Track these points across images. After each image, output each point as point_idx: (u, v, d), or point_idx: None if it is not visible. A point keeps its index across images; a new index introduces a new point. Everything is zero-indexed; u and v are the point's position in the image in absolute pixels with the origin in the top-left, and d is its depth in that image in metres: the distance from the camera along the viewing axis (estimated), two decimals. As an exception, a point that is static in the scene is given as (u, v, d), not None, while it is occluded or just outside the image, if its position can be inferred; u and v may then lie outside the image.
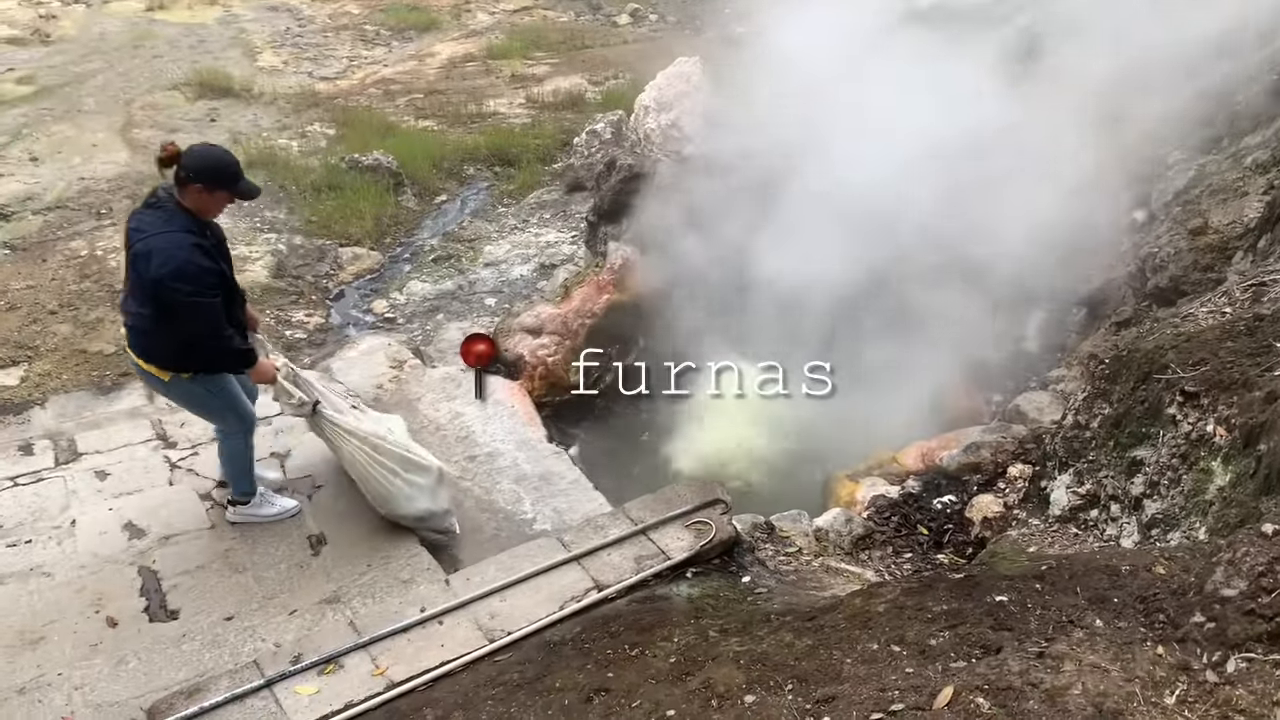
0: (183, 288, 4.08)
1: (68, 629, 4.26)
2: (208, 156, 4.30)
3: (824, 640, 3.24)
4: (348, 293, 8.70)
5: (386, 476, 4.73)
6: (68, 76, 11.91)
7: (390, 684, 3.59)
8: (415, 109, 11.91)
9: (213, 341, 4.28)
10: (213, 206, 4.31)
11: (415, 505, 4.78)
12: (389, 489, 4.74)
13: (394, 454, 4.76)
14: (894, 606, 3.33)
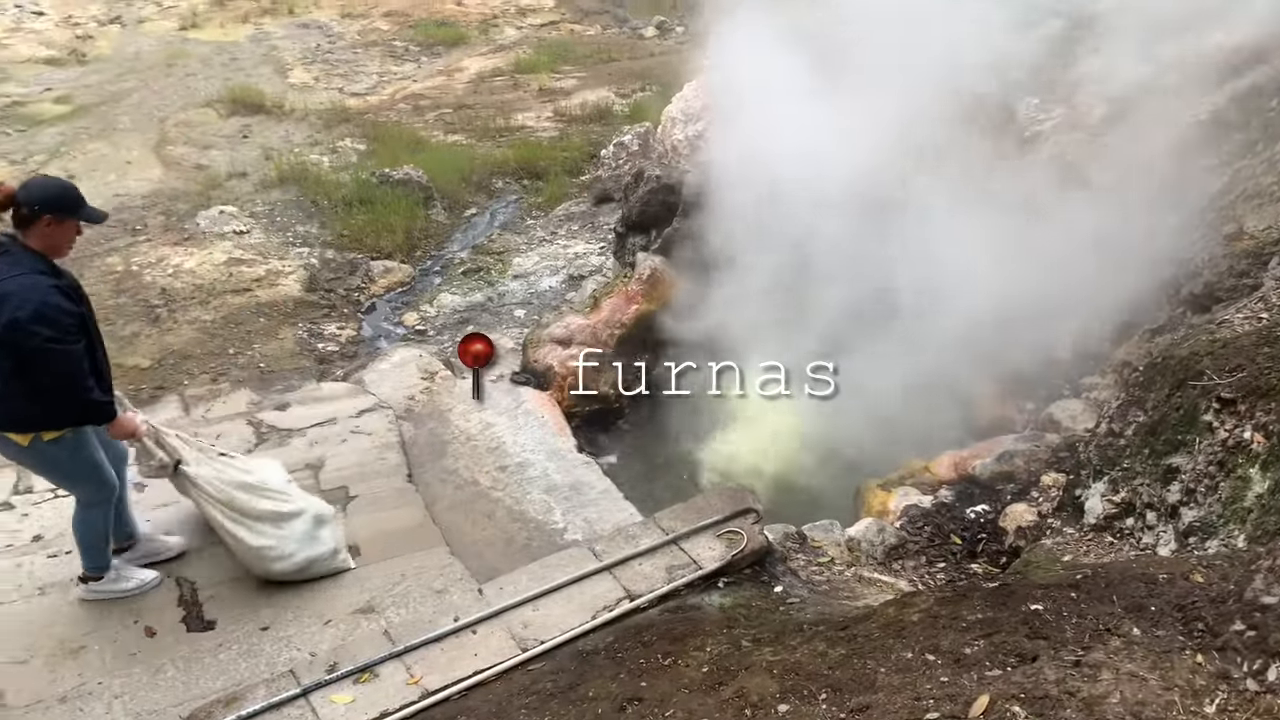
0: (42, 331, 3.75)
1: (107, 638, 4.32)
2: (49, 186, 4.03)
3: (857, 649, 3.23)
4: (379, 305, 8.78)
5: (254, 538, 4.49)
6: (104, 95, 12.12)
7: (425, 693, 3.61)
8: (444, 124, 12.02)
9: (73, 392, 3.90)
10: (63, 239, 3.98)
11: (292, 560, 4.55)
12: (257, 551, 4.49)
13: (261, 512, 4.53)
14: (928, 616, 3.31)
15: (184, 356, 7.68)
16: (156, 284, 8.44)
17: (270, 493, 4.63)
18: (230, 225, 9.42)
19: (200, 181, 10.20)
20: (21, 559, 4.69)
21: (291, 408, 5.83)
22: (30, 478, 5.17)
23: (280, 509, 4.59)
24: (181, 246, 9.01)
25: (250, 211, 9.70)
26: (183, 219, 9.47)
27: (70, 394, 3.90)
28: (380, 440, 5.64)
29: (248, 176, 10.35)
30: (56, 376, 3.85)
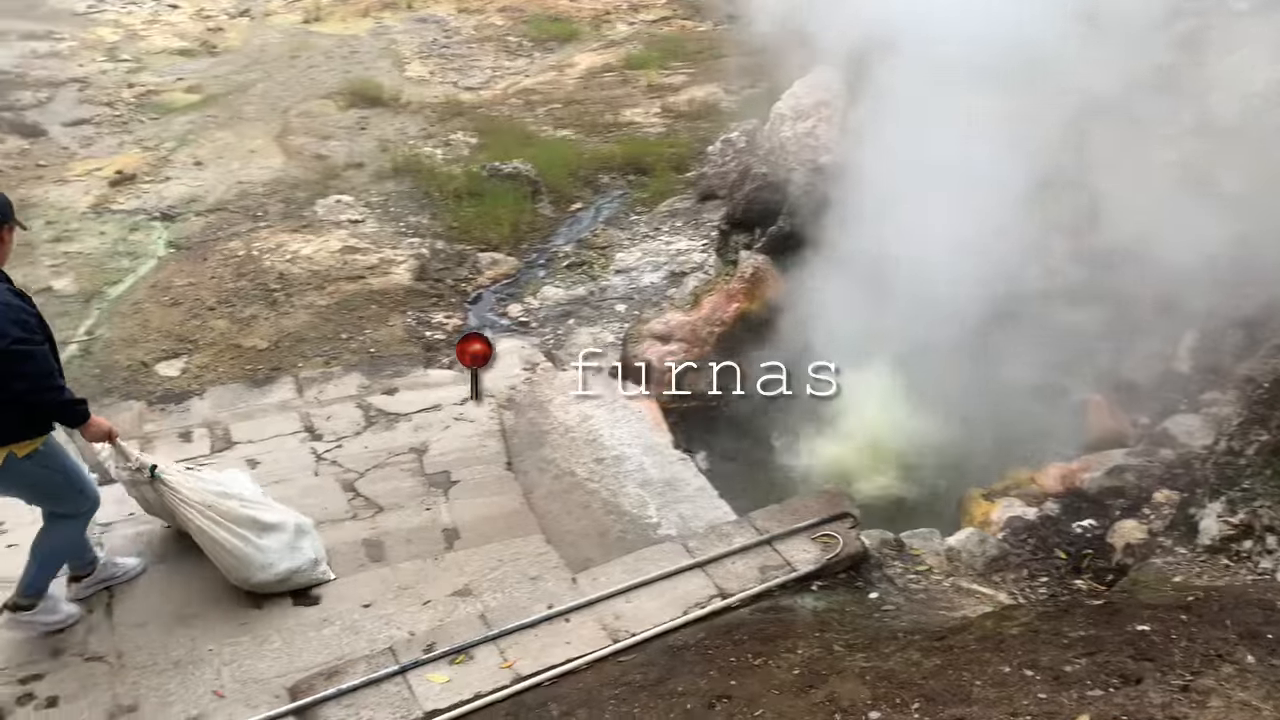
0: (11, 332, 3.70)
1: (218, 607, 4.51)
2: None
3: (953, 660, 3.18)
4: (485, 296, 8.95)
5: (236, 545, 4.44)
6: (231, 85, 12.60)
7: (517, 677, 3.68)
8: (554, 118, 12.16)
9: (48, 394, 3.84)
10: (8, 247, 4.05)
11: (273, 570, 4.50)
12: (239, 557, 4.44)
13: (243, 518, 4.49)
14: (1028, 630, 3.24)
15: (299, 339, 7.96)
16: (275, 269, 8.76)
17: (249, 502, 4.59)
18: (346, 214, 9.71)
19: (319, 171, 10.53)
20: (141, 528, 4.94)
21: (399, 393, 6.00)
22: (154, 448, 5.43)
23: (262, 517, 4.54)
24: (299, 233, 9.32)
25: (365, 201, 9.98)
26: (301, 207, 9.80)
27: (44, 395, 3.82)
28: (482, 428, 5.76)
29: (364, 167, 10.65)
30: (29, 379, 3.76)
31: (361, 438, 5.62)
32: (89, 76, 12.59)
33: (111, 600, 4.51)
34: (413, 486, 5.30)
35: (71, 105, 11.82)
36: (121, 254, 9.05)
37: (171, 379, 7.45)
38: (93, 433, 4.14)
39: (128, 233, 9.37)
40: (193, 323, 8.08)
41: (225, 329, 8.01)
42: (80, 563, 4.44)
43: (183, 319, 8.13)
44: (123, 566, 4.62)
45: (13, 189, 9.93)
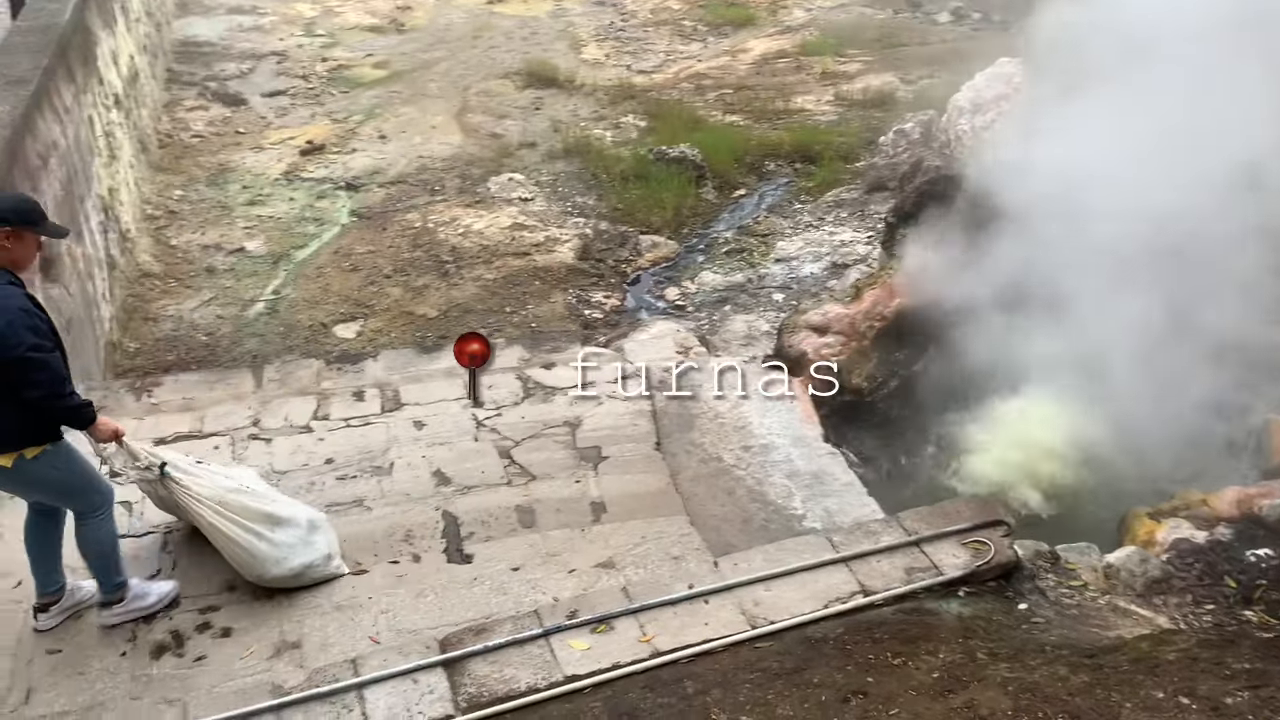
0: (26, 339, 3.74)
1: (379, 558, 4.77)
2: (8, 199, 4.08)
3: (1102, 679, 3.07)
4: (644, 278, 9.07)
5: (250, 540, 4.40)
6: (416, 63, 13.14)
7: (655, 652, 3.76)
8: (724, 104, 12.17)
9: (59, 400, 3.87)
10: (24, 253, 3.91)
11: (287, 564, 4.46)
12: (253, 553, 4.41)
13: (255, 513, 4.46)
14: (1186, 657, 3.10)
15: (466, 310, 8.28)
16: (448, 242, 9.12)
17: (260, 496, 4.59)
18: (517, 192, 10.00)
19: (494, 149, 10.88)
20: (315, 478, 5.26)
21: (556, 368, 6.17)
22: (330, 404, 5.77)
23: (275, 512, 4.53)
24: (472, 209, 9.67)
25: (536, 180, 10.26)
26: (475, 183, 10.16)
27: (56, 402, 3.86)
28: (634, 407, 5.87)
29: (536, 147, 10.94)
30: (42, 386, 3.80)
31: (519, 408, 5.81)
32: (287, 50, 13.35)
33: (284, 543, 4.81)
34: (565, 458, 5.45)
35: (270, 77, 12.58)
36: (308, 220, 9.60)
37: (348, 340, 7.88)
38: (101, 433, 4.14)
39: (315, 200, 9.93)
40: (370, 289, 8.51)
41: (399, 296, 8.40)
42: (111, 581, 4.33)
43: (361, 284, 8.57)
44: (155, 590, 4.47)
45: (214, 154, 10.68)
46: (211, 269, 8.81)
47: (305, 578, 4.53)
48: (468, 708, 3.56)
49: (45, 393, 3.82)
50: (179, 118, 11.29)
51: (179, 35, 13.28)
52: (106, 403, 5.78)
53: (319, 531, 4.63)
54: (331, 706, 3.56)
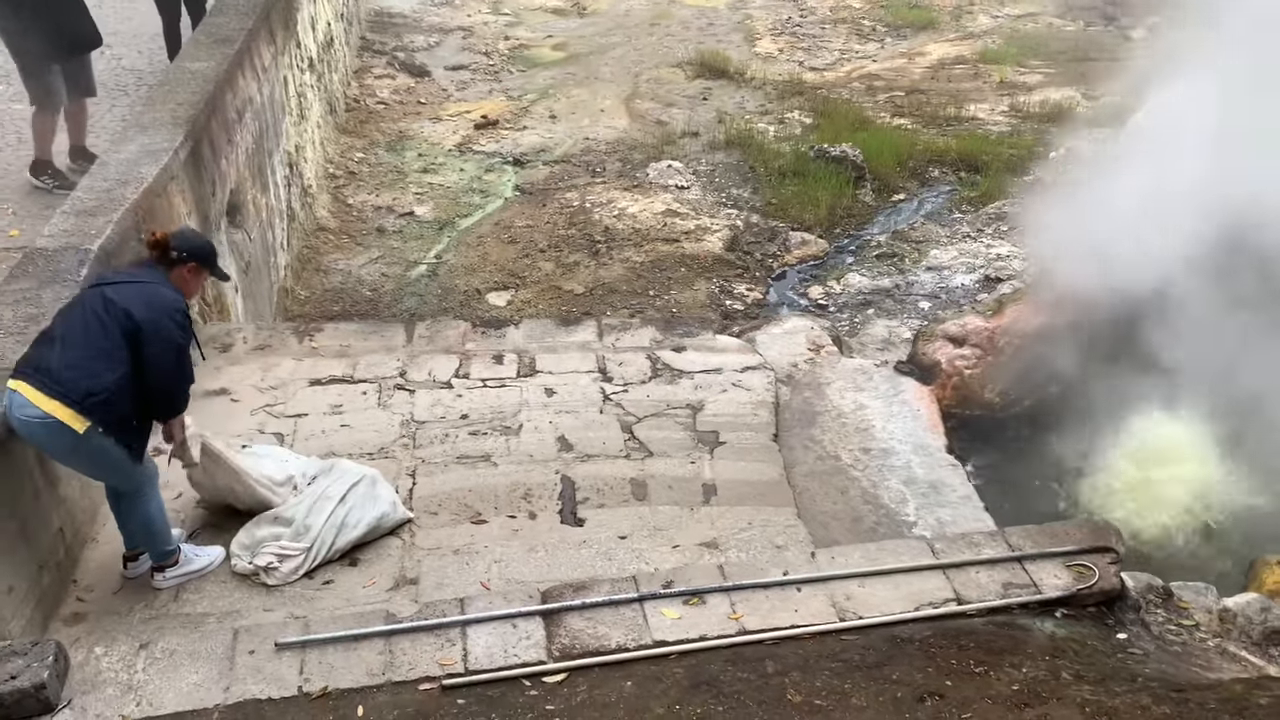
0: (179, 335, 4.08)
1: (499, 512, 5.06)
2: (198, 239, 4.55)
3: (1184, 714, 3.04)
4: (789, 275, 9.12)
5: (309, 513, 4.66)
6: (592, 46, 13.49)
7: (742, 630, 3.89)
8: (893, 106, 12.04)
9: (180, 399, 4.21)
10: (196, 286, 4.44)
11: (361, 526, 4.72)
12: (324, 522, 4.64)
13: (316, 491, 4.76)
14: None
15: (611, 290, 8.54)
16: (602, 222, 9.41)
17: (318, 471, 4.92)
18: (674, 179, 10.20)
19: (657, 136, 11.10)
20: (450, 430, 5.59)
21: (686, 352, 6.33)
22: (471, 364, 6.10)
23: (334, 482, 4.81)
24: (629, 192, 9.93)
25: (694, 169, 10.43)
26: (635, 168, 10.41)
27: (177, 399, 4.20)
28: (756, 397, 5.97)
29: (699, 136, 11.10)
30: (174, 380, 4.12)
31: (646, 386, 6.00)
32: (473, 26, 13.93)
33: (414, 487, 5.16)
34: (682, 439, 5.61)
35: (454, 51, 13.16)
36: (475, 190, 10.06)
37: (498, 308, 8.26)
38: (173, 427, 4.33)
39: (483, 172, 10.39)
40: (524, 261, 8.88)
41: (550, 271, 8.74)
42: (161, 547, 4.48)
43: (516, 256, 8.95)
44: (205, 554, 4.63)
45: (395, 121, 11.29)
46: (382, 229, 9.35)
47: (378, 530, 4.80)
48: (559, 656, 3.78)
49: (174, 389, 4.15)
50: (367, 84, 11.96)
51: (374, 5, 14.03)
52: (272, 342, 6.29)
53: (379, 484, 4.91)
54: (436, 638, 3.84)
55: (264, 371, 5.96)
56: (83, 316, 4.03)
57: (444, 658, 3.75)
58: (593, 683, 3.65)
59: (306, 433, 5.49)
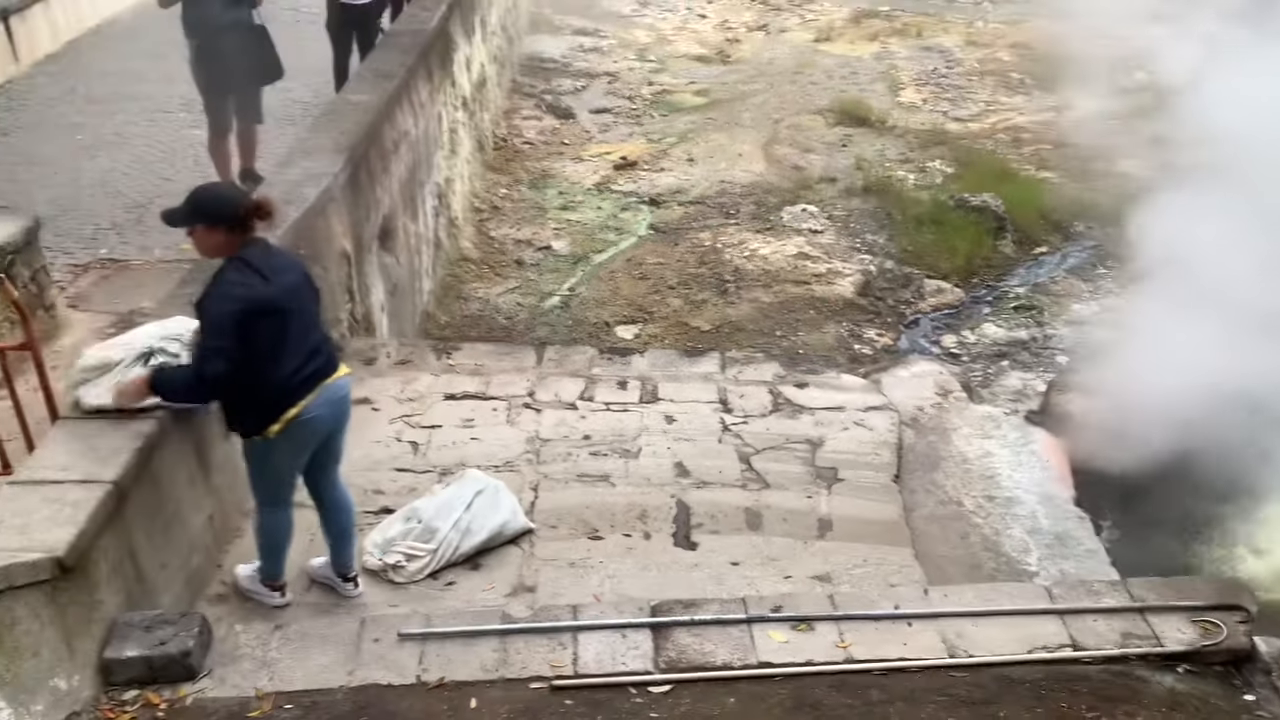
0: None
1: (615, 529, 5.18)
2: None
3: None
4: (922, 322, 9.05)
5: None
6: (734, 93, 13.71)
7: (850, 658, 3.89)
8: (1039, 159, 11.84)
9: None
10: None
11: (483, 532, 4.90)
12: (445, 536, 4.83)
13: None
14: None
15: (737, 329, 8.64)
16: (733, 262, 9.54)
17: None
18: (808, 223, 10.26)
19: (793, 180, 11.19)
20: (572, 449, 5.76)
21: (809, 389, 6.36)
22: (595, 388, 6.29)
23: (463, 489, 5.01)
24: (761, 235, 10.04)
25: (829, 214, 10.47)
26: (769, 211, 10.52)
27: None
28: (879, 438, 5.95)
29: (836, 182, 11.15)
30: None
31: (766, 420, 6.06)
32: (619, 72, 14.35)
33: (536, 500, 5.34)
34: (800, 473, 5.64)
35: (599, 95, 13.58)
36: (610, 228, 10.35)
37: (626, 341, 8.46)
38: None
39: (619, 211, 10.68)
40: (653, 297, 9.08)
41: (678, 307, 8.90)
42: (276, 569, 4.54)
43: (646, 292, 9.15)
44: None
45: (539, 160, 11.72)
46: (520, 261, 9.70)
47: (501, 537, 4.98)
48: (666, 668, 3.85)
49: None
50: (515, 124, 12.46)
51: (527, 50, 14.62)
52: (413, 358, 6.62)
53: (501, 493, 5.08)
54: (549, 640, 3.96)
55: (404, 385, 6.28)
56: (300, 299, 4.09)
57: (555, 660, 3.88)
58: (697, 696, 3.71)
59: (439, 443, 5.75)
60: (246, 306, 3.84)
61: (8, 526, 3.63)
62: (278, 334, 3.96)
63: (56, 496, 3.75)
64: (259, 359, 3.90)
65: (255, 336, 3.87)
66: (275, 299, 3.93)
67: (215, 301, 3.86)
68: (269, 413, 4.05)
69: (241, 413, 4.12)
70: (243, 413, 4.12)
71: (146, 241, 7.19)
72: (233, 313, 3.83)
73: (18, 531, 3.60)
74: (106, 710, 3.63)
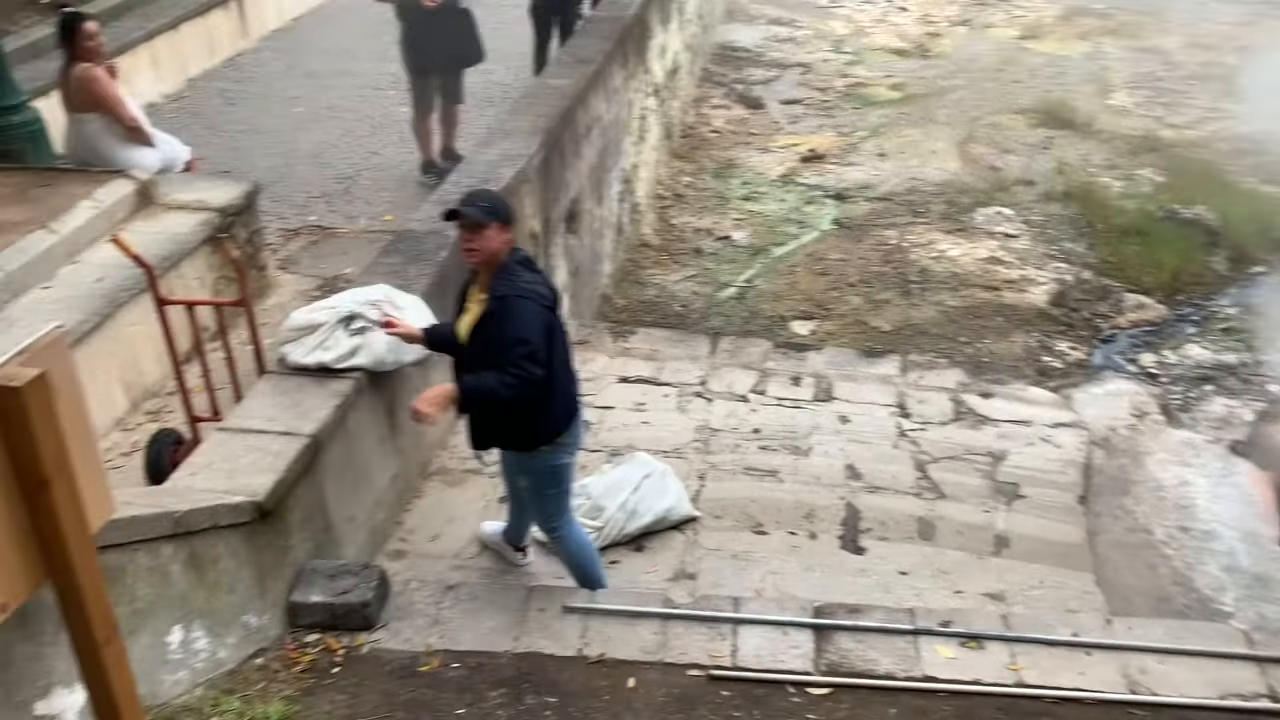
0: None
1: (780, 526, 5.13)
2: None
3: None
4: (1119, 338, 8.55)
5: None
6: (931, 88, 13.29)
7: (1020, 682, 3.73)
8: (1263, 172, 10.97)
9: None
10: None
11: (649, 515, 4.94)
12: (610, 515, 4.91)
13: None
14: None
15: (919, 332, 8.38)
16: (918, 263, 9.26)
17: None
18: (1001, 227, 9.86)
19: (989, 181, 10.77)
20: (741, 441, 5.74)
21: (994, 399, 6.12)
22: (768, 382, 6.24)
23: (631, 471, 5.04)
24: (951, 235, 9.70)
25: (1025, 218, 10.03)
26: (961, 211, 10.16)
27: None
28: (1066, 456, 5.67)
29: (1034, 185, 10.66)
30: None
31: (946, 428, 5.87)
32: (812, 63, 14.13)
33: (702, 489, 5.35)
34: (978, 486, 5.43)
35: (790, 86, 13.42)
36: (792, 221, 10.22)
37: (801, 337, 8.35)
38: None
39: (803, 204, 10.53)
40: (832, 293, 8.92)
41: (858, 305, 8.71)
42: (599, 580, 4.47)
43: (825, 288, 9.00)
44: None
45: (725, 149, 11.69)
46: (699, 250, 9.71)
47: (666, 521, 5.02)
48: (826, 671, 3.78)
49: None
50: (703, 113, 12.47)
51: (720, 39, 14.59)
52: (590, 339, 6.74)
53: (669, 477, 5.12)
54: (710, 629, 3.96)
55: (580, 365, 6.35)
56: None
57: (714, 650, 3.87)
58: (857, 702, 3.64)
59: (611, 424, 5.84)
60: (549, 305, 3.83)
61: (216, 470, 3.90)
62: (561, 332, 3.95)
63: (260, 445, 4.01)
64: (556, 359, 3.88)
65: (553, 336, 3.85)
66: (557, 297, 3.94)
67: (526, 302, 3.74)
68: (567, 415, 4.02)
69: (538, 419, 3.94)
70: (540, 419, 3.94)
71: (352, 211, 7.56)
72: (539, 312, 3.77)
73: (225, 475, 3.87)
74: (290, 649, 3.86)
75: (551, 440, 3.99)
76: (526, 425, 3.94)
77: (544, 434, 3.98)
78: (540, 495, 4.19)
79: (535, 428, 3.96)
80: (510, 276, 3.79)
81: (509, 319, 3.72)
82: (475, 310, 3.89)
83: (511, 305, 3.73)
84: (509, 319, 3.72)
